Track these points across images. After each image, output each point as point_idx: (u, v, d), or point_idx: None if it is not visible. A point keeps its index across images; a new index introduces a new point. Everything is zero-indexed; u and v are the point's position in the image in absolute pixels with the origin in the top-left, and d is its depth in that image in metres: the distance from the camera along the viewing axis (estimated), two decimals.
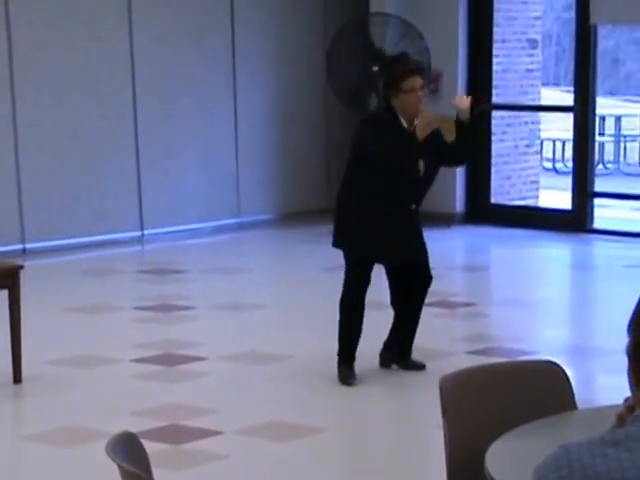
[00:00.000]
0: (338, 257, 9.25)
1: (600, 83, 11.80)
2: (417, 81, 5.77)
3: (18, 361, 5.69)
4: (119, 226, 9.69)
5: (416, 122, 5.71)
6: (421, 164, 5.87)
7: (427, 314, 7.33)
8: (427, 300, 7.64)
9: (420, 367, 6.09)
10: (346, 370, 5.94)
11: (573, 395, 3.05)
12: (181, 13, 10.01)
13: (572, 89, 10.72)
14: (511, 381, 3.08)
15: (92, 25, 9.45)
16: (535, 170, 11.53)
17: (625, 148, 16.46)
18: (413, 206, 5.94)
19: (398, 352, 6.15)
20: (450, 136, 5.91)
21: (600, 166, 14.85)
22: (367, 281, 6.08)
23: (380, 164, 5.74)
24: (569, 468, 1.72)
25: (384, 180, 5.79)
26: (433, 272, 8.67)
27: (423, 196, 6.03)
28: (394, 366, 6.17)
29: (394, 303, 6.21)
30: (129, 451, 2.49)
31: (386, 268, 6.14)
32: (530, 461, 2.04)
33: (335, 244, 6.18)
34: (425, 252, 6.07)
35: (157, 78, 9.90)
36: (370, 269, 6.04)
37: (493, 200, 10.85)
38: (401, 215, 5.90)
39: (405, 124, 5.78)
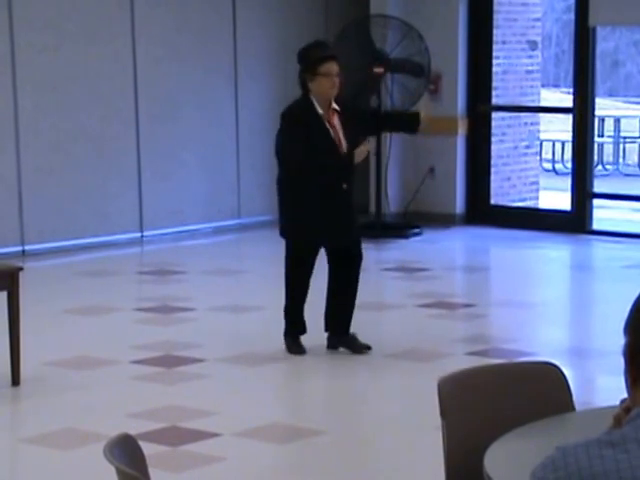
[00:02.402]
0: None
1: (599, 84, 11.84)
2: (333, 67, 6.05)
3: (17, 363, 5.69)
4: (119, 227, 9.69)
5: (363, 148, 6.19)
6: (343, 145, 6.09)
7: (426, 315, 7.35)
8: (426, 301, 7.68)
9: (366, 348, 6.28)
10: (292, 343, 6.27)
11: (571, 396, 3.05)
12: (183, 15, 10.01)
13: (572, 90, 10.72)
14: (510, 382, 3.08)
15: (94, 27, 9.46)
16: (535, 171, 11.54)
17: (624, 149, 16.48)
18: (345, 185, 6.10)
19: (340, 331, 6.31)
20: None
21: (599, 167, 14.87)
22: (311, 266, 6.26)
23: (305, 153, 5.98)
24: (566, 469, 1.73)
25: (311, 166, 5.99)
26: (432, 273, 8.72)
27: (352, 174, 6.19)
28: (341, 349, 6.32)
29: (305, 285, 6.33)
30: (127, 453, 2.49)
31: (326, 250, 6.30)
32: (528, 462, 2.05)
33: (281, 234, 6.35)
34: (359, 231, 6.34)
35: (158, 80, 9.91)
36: (313, 254, 6.20)
37: (493, 201, 10.86)
38: (335, 196, 6.07)
39: (320, 110, 6.05)
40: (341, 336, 6.35)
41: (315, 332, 6.96)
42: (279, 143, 6.17)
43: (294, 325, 6.36)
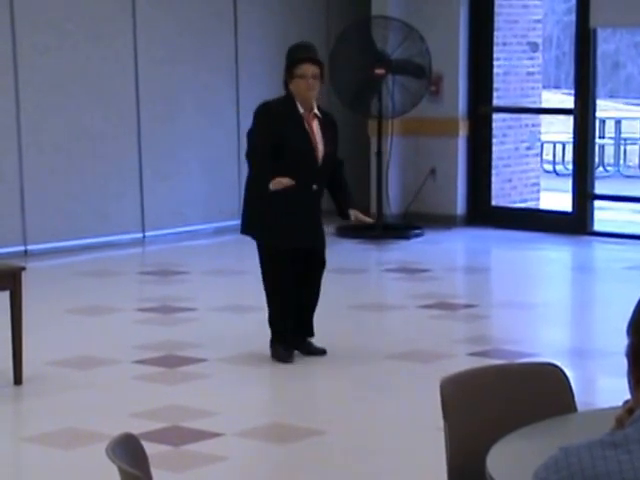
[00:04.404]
0: (338, 258, 9.28)
1: (600, 86, 11.84)
2: (310, 69, 6.09)
3: (19, 362, 5.70)
4: (121, 228, 9.70)
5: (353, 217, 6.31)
6: (320, 152, 6.10)
7: (427, 316, 7.36)
8: (428, 301, 7.69)
9: (321, 352, 6.26)
10: (277, 350, 6.17)
11: (573, 397, 3.06)
12: (184, 17, 10.02)
13: (572, 92, 10.73)
14: (512, 383, 3.08)
15: (96, 28, 9.47)
16: (536, 172, 11.55)
17: (625, 151, 16.48)
18: (314, 187, 6.11)
19: (300, 336, 6.27)
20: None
21: (600, 168, 14.87)
22: (288, 268, 6.18)
23: (277, 151, 5.98)
24: (568, 470, 1.73)
25: (283, 164, 5.99)
26: (433, 274, 8.73)
27: (324, 179, 6.19)
28: (296, 352, 6.29)
29: (290, 287, 6.24)
30: (129, 453, 2.49)
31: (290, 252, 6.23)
32: (531, 463, 2.05)
33: (244, 231, 6.31)
34: (324, 237, 6.30)
35: (160, 81, 9.92)
36: (284, 255, 6.15)
37: (494, 202, 10.87)
38: (304, 197, 6.07)
39: (302, 110, 6.09)
40: (299, 338, 6.29)
41: (316, 333, 6.97)
42: (250, 139, 6.14)
43: (280, 333, 6.24)
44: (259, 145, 6.08)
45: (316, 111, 6.16)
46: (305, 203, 6.11)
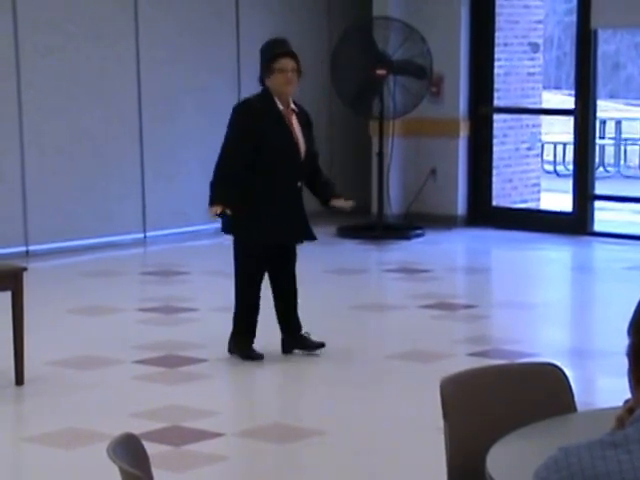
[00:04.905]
0: (338, 259, 9.29)
1: (601, 87, 11.85)
2: (289, 63, 6.10)
3: (20, 362, 5.70)
4: (122, 228, 9.71)
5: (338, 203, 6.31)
6: (302, 147, 6.11)
7: (428, 316, 7.37)
8: (428, 302, 7.70)
9: (320, 346, 6.25)
10: (247, 349, 6.16)
11: (573, 397, 3.06)
12: (186, 17, 10.03)
13: (573, 92, 10.74)
14: (512, 383, 3.08)
15: (97, 29, 9.49)
16: (536, 173, 11.55)
17: (625, 151, 16.49)
18: (299, 183, 6.13)
19: (291, 333, 6.28)
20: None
21: (600, 169, 14.87)
22: (264, 265, 6.19)
23: (260, 149, 5.98)
24: (568, 470, 1.73)
25: (267, 162, 5.99)
26: (434, 274, 8.74)
27: (306, 174, 6.21)
28: (297, 351, 6.29)
29: (260, 284, 6.25)
30: (130, 453, 2.49)
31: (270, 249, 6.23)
32: (531, 463, 2.05)
33: (225, 230, 6.29)
34: (312, 230, 6.28)
35: (161, 81, 9.93)
36: (264, 252, 6.15)
37: (494, 203, 10.87)
38: (290, 193, 6.07)
39: (280, 106, 6.08)
40: (293, 336, 6.32)
41: (316, 333, 6.98)
42: (226, 137, 6.14)
43: (248, 331, 6.25)
44: (233, 145, 6.04)
45: (293, 106, 6.16)
46: (291, 199, 6.11)
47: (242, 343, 6.22)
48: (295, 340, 6.33)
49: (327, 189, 6.35)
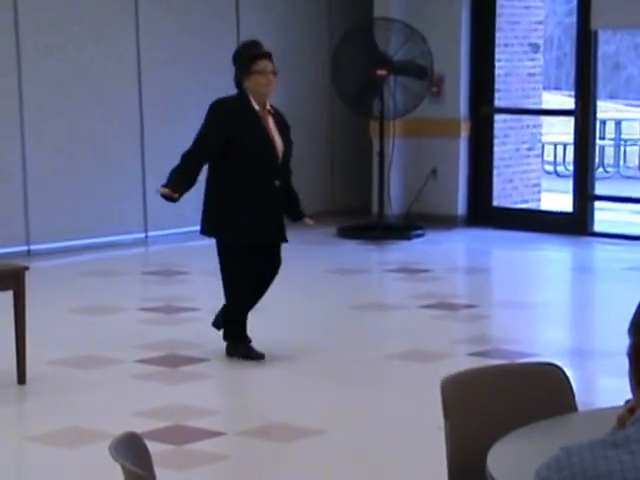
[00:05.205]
0: (339, 259, 9.30)
1: (601, 87, 11.85)
2: (268, 64, 6.14)
3: (22, 362, 5.72)
4: (124, 228, 9.73)
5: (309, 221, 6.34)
6: (279, 147, 6.14)
7: (428, 316, 7.38)
8: (428, 302, 7.72)
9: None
10: (248, 349, 6.17)
11: (574, 397, 3.07)
12: (187, 17, 10.04)
13: (573, 93, 10.75)
14: (512, 383, 3.09)
15: (99, 29, 9.50)
16: (536, 173, 11.56)
17: (625, 152, 16.49)
18: (277, 182, 6.13)
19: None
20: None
21: (600, 169, 14.88)
22: (249, 265, 6.19)
23: (235, 148, 6.01)
24: (570, 470, 1.73)
25: (242, 161, 6.01)
26: (434, 274, 8.75)
27: (284, 175, 6.23)
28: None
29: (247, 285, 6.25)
30: (132, 451, 2.50)
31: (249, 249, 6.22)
32: (531, 463, 2.06)
33: (204, 232, 6.33)
34: (285, 232, 6.26)
35: (163, 81, 9.94)
36: (247, 252, 6.15)
37: (495, 203, 10.89)
38: (268, 193, 6.09)
39: (257, 107, 6.10)
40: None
41: (318, 333, 7.00)
42: (198, 133, 6.18)
43: (242, 331, 6.25)
44: (205, 138, 6.07)
45: (269, 108, 6.18)
46: (267, 199, 6.12)
47: (239, 344, 6.23)
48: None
49: (296, 206, 6.35)
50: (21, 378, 5.72)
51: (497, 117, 10.89)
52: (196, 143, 6.15)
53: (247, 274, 6.20)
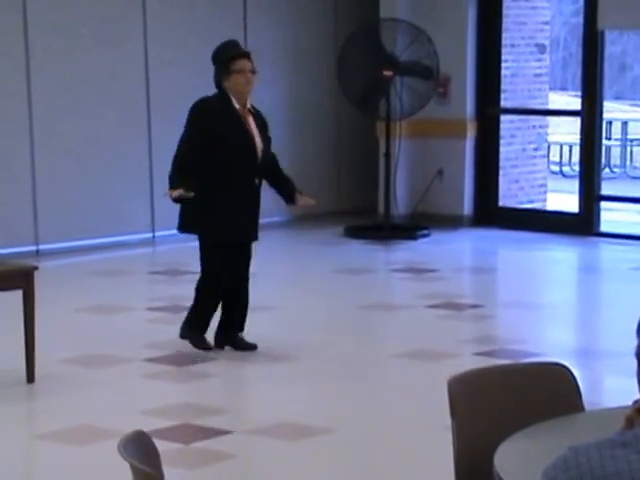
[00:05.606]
0: (345, 259, 9.32)
1: (607, 88, 11.83)
2: (247, 64, 6.20)
3: (32, 360, 5.75)
4: (131, 228, 9.75)
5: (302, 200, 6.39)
6: (259, 146, 6.19)
7: (434, 315, 7.40)
8: (435, 301, 7.73)
9: (252, 348, 6.32)
10: (201, 339, 6.30)
11: (581, 397, 3.08)
12: (194, 19, 10.06)
13: (579, 93, 10.76)
14: (519, 383, 3.10)
15: (107, 31, 9.53)
16: (542, 173, 11.57)
17: (631, 152, 16.48)
18: (256, 181, 6.21)
19: (231, 332, 6.38)
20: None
21: (607, 170, 14.88)
22: (225, 262, 6.26)
23: (218, 148, 6.06)
24: (578, 469, 1.73)
25: (224, 160, 6.07)
26: (440, 274, 8.77)
27: (263, 173, 6.28)
28: (227, 347, 6.39)
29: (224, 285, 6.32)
30: (141, 450, 2.51)
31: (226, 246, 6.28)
32: (538, 462, 2.08)
33: (184, 229, 6.39)
34: (258, 230, 6.37)
35: (170, 82, 9.96)
36: (225, 249, 6.22)
37: (501, 203, 10.90)
38: (248, 191, 6.16)
39: (237, 106, 6.17)
40: (231, 334, 6.41)
41: (325, 333, 7.01)
42: (182, 136, 6.25)
43: (204, 320, 6.36)
44: (191, 139, 6.13)
45: (249, 107, 6.25)
46: (249, 197, 6.21)
47: (197, 334, 6.34)
48: (231, 338, 6.41)
49: (288, 186, 6.43)
50: (30, 377, 5.75)
51: (503, 117, 10.90)
52: (181, 148, 6.24)
53: (225, 270, 6.28)
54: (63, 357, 6.26)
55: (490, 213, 10.79)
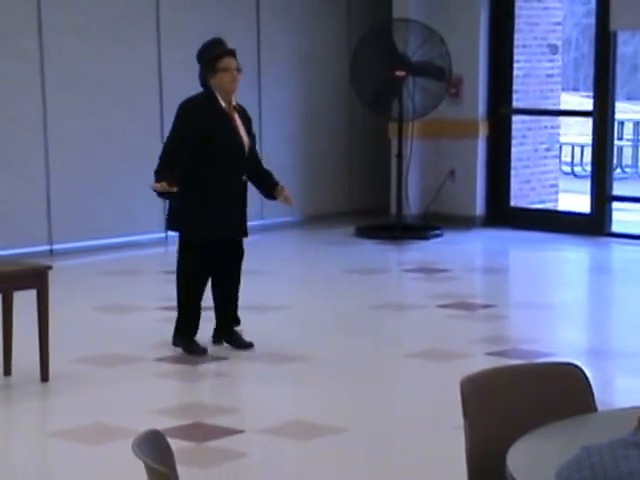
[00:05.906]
0: (358, 259, 9.34)
1: (619, 88, 11.83)
2: (232, 62, 6.20)
3: (45, 359, 5.78)
4: (144, 228, 9.78)
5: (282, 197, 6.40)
6: (245, 143, 6.25)
7: (446, 315, 7.41)
8: (446, 301, 7.74)
9: (248, 346, 6.37)
10: (191, 343, 6.30)
11: (593, 397, 3.08)
12: (207, 21, 10.08)
13: (591, 94, 10.75)
14: (532, 383, 3.10)
15: (121, 31, 9.56)
16: (554, 174, 11.56)
17: None
18: (244, 178, 6.27)
19: (226, 325, 6.43)
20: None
21: (618, 170, 14.86)
22: (210, 260, 6.30)
23: (206, 146, 6.09)
24: (591, 469, 1.75)
25: (213, 159, 6.11)
26: (452, 274, 8.77)
27: (250, 170, 6.33)
28: (225, 344, 6.44)
29: (201, 287, 6.37)
30: (155, 448, 2.51)
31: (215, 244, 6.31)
32: (551, 462, 2.09)
33: (171, 227, 6.43)
34: (247, 227, 6.40)
35: (183, 83, 9.96)
36: (210, 247, 6.25)
37: (513, 203, 10.90)
38: (235, 188, 6.21)
39: (223, 104, 6.20)
40: (228, 329, 6.45)
41: (336, 332, 7.02)
42: (169, 135, 6.28)
43: (190, 324, 6.38)
44: (179, 140, 6.16)
45: (235, 104, 6.29)
46: (236, 194, 6.26)
47: (187, 339, 6.35)
48: (227, 335, 6.44)
49: (269, 182, 6.46)
50: (44, 376, 5.78)
51: (515, 118, 10.90)
52: (168, 146, 6.28)
53: (203, 278, 6.33)
54: (76, 356, 6.29)
55: (502, 213, 10.80)
